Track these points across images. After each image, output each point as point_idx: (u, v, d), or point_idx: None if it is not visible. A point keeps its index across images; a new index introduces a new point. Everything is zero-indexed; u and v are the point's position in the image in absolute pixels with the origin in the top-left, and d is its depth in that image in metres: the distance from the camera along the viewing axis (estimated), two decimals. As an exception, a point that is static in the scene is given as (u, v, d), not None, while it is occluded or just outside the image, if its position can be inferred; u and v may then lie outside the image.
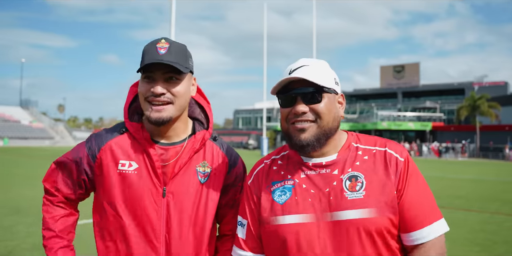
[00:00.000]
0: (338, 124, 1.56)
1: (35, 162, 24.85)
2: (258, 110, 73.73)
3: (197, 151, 1.75)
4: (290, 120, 1.53)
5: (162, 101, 1.62)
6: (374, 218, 1.42)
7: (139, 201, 1.64)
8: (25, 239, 6.43)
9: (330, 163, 1.54)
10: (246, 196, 1.66)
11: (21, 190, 12.14)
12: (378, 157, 1.54)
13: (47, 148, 52.10)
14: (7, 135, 63.08)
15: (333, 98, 1.54)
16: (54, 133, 73.17)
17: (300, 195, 1.51)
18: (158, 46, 1.61)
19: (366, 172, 1.50)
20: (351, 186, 1.48)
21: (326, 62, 1.61)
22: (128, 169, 1.66)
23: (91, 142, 1.73)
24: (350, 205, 1.44)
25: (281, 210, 1.52)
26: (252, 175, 1.69)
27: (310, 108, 1.49)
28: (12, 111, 76.36)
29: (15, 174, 16.99)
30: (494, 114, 44.63)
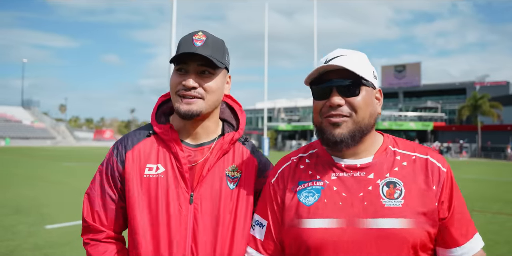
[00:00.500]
0: (375, 121, 1.45)
1: (36, 162, 24.88)
2: (259, 110, 73.69)
3: (225, 153, 1.65)
4: (324, 113, 1.41)
5: (192, 95, 1.54)
6: (412, 230, 1.31)
7: (165, 207, 1.53)
8: (27, 239, 6.43)
9: (365, 166, 1.42)
10: (268, 195, 1.54)
11: (22, 190, 12.15)
12: (418, 165, 1.42)
13: (48, 148, 52.18)
14: (8, 135, 63.19)
15: (371, 93, 1.43)
16: (55, 133, 73.27)
17: (330, 198, 1.39)
18: (194, 38, 1.55)
19: (405, 180, 1.39)
20: (389, 193, 1.36)
21: (364, 54, 1.49)
22: (155, 173, 1.57)
23: (118, 148, 1.64)
24: (388, 213, 1.33)
25: (307, 212, 1.40)
26: (277, 172, 1.56)
27: (347, 101, 1.37)
28: (13, 111, 76.49)
29: (16, 174, 17.00)
30: (495, 114, 44.57)
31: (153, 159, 1.60)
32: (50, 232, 6.96)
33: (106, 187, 1.61)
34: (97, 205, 1.60)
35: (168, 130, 1.62)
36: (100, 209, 1.60)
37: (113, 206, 1.60)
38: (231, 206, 1.58)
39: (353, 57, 1.42)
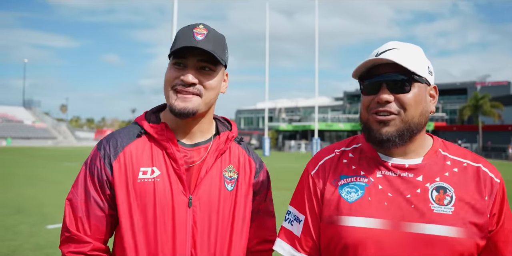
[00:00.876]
0: (426, 120, 1.35)
1: (37, 162, 24.90)
2: (260, 110, 73.66)
3: (223, 153, 1.58)
4: (371, 109, 1.32)
5: (190, 92, 1.45)
6: (462, 239, 1.24)
7: (162, 212, 1.43)
8: (28, 239, 6.43)
9: (414, 167, 1.34)
10: (307, 187, 1.45)
11: (23, 190, 12.15)
12: (470, 173, 1.34)
13: (49, 148, 52.20)
14: (10, 135, 63.23)
15: (424, 89, 1.33)
16: (56, 133, 73.31)
17: (375, 197, 1.31)
18: (195, 31, 1.45)
19: (456, 186, 1.31)
20: (439, 198, 1.29)
21: (419, 47, 1.40)
22: (150, 177, 1.45)
23: (105, 149, 1.49)
24: (437, 219, 1.26)
25: (348, 209, 1.32)
26: (318, 164, 1.47)
27: (396, 98, 1.29)
28: (15, 111, 76.53)
29: (17, 174, 17.01)
30: (496, 114, 44.52)
31: (147, 161, 1.47)
32: (52, 232, 6.97)
33: (92, 192, 1.46)
34: (80, 211, 1.45)
35: (163, 129, 1.51)
36: (83, 215, 1.44)
37: (100, 214, 1.45)
38: (229, 208, 1.53)
39: (406, 50, 1.33)
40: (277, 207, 1.84)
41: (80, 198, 1.46)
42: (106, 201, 1.46)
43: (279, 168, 22.81)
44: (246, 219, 1.57)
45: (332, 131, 62.68)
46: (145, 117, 1.57)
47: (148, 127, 1.53)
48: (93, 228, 1.45)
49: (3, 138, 61.55)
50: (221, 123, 1.67)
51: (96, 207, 1.45)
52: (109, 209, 1.46)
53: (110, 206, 1.46)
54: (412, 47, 1.37)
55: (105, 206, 1.46)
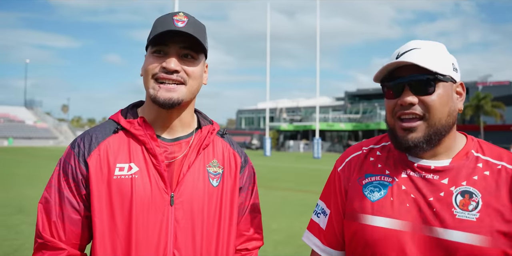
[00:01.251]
0: (454, 120, 1.29)
1: (39, 162, 24.94)
2: (261, 110, 73.67)
3: (205, 147, 1.50)
4: (396, 113, 1.29)
5: (174, 80, 1.37)
6: (485, 249, 1.16)
7: (141, 211, 1.34)
8: (30, 238, 6.44)
9: (440, 169, 1.28)
10: (333, 183, 1.46)
11: (24, 189, 12.17)
12: (503, 176, 1.24)
13: (51, 148, 52.28)
14: (11, 135, 63.32)
15: (450, 88, 1.28)
16: (58, 133, 73.40)
17: (397, 197, 1.28)
18: (175, 19, 1.38)
19: (484, 191, 1.23)
20: (463, 203, 1.22)
21: (442, 44, 1.36)
22: (128, 173, 1.36)
23: (79, 146, 1.41)
24: (459, 225, 1.19)
25: (371, 208, 1.30)
26: (345, 161, 1.46)
27: (420, 100, 1.25)
28: (16, 111, 76.61)
29: (19, 174, 17.04)
30: (498, 114, 44.48)
31: (124, 157, 1.39)
32: (53, 231, 6.97)
33: (66, 193, 1.37)
34: (54, 216, 1.36)
35: (141, 124, 1.42)
36: (57, 219, 1.35)
37: (76, 217, 1.36)
38: (215, 205, 1.45)
39: (427, 49, 1.29)
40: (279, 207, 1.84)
41: (54, 201, 1.37)
42: (82, 202, 1.37)
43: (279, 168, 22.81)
44: (234, 216, 1.50)
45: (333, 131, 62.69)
46: (121, 114, 1.49)
47: (124, 122, 1.44)
48: (69, 232, 1.36)
49: (4, 138, 61.66)
50: (202, 117, 1.59)
51: (71, 209, 1.36)
52: (85, 210, 1.37)
53: (86, 207, 1.37)
54: (434, 45, 1.33)
55: (80, 208, 1.37)
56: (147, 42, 1.42)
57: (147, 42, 1.42)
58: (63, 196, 1.37)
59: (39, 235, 1.36)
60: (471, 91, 56.45)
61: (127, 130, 1.43)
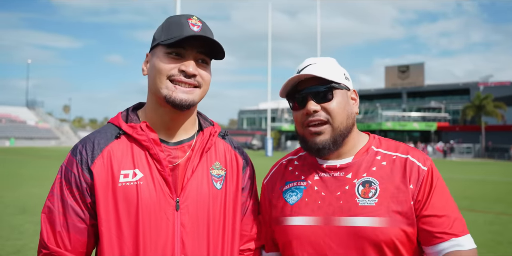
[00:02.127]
0: (353, 122, 1.49)
1: (41, 162, 24.98)
2: (263, 110, 73.62)
3: (208, 150, 1.50)
4: (304, 123, 1.46)
5: (191, 83, 1.38)
6: (385, 228, 1.33)
7: (148, 217, 1.33)
8: (33, 238, 6.46)
9: (344, 166, 1.47)
10: (261, 195, 1.64)
11: (28, 189, 12.21)
12: (397, 164, 1.43)
13: (52, 148, 52.33)
14: (13, 136, 63.40)
15: (346, 95, 1.48)
16: (59, 133, 73.48)
17: (310, 197, 1.46)
18: (190, 22, 1.38)
19: (381, 179, 1.41)
20: (364, 192, 1.40)
21: (333, 58, 1.56)
22: (132, 180, 1.35)
23: (81, 154, 1.38)
24: (360, 211, 1.37)
25: (290, 210, 1.47)
26: (269, 174, 1.66)
27: (322, 107, 1.43)
28: (18, 112, 76.69)
29: (22, 174, 17.07)
30: (499, 114, 44.42)
31: (128, 164, 1.37)
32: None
33: (70, 202, 1.35)
34: (58, 226, 1.34)
35: (144, 129, 1.40)
36: (62, 229, 1.34)
37: (81, 225, 1.35)
38: (219, 208, 1.45)
39: (321, 64, 1.48)
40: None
41: (57, 210, 1.35)
42: (87, 210, 1.35)
43: (281, 168, 22.73)
44: (237, 218, 1.51)
45: (335, 132, 62.37)
46: (121, 117, 1.47)
47: (126, 127, 1.42)
48: (74, 241, 1.34)
49: (6, 139, 61.73)
50: (203, 118, 1.59)
51: (76, 218, 1.35)
52: (90, 219, 1.35)
53: (92, 215, 1.36)
54: (326, 60, 1.52)
55: (86, 217, 1.35)
56: (159, 41, 1.39)
57: (159, 41, 1.39)
58: (67, 205, 1.35)
59: (44, 245, 1.35)
60: (472, 92, 56.39)
61: (129, 135, 1.41)
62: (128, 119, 1.46)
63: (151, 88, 1.42)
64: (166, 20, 1.44)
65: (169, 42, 1.36)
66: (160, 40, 1.40)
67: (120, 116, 1.48)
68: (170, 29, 1.39)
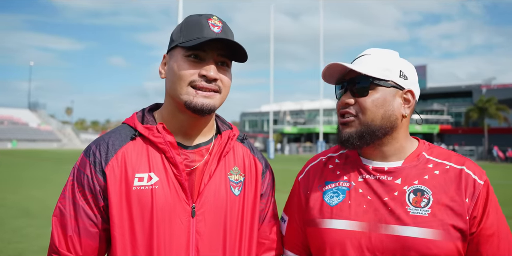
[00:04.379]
0: (392, 124, 1.36)
1: (43, 165, 25.00)
2: (265, 113, 73.61)
3: (226, 154, 1.44)
4: (338, 112, 1.42)
5: (212, 89, 1.32)
6: (439, 242, 1.25)
7: (162, 223, 1.28)
8: (34, 241, 6.43)
9: (393, 170, 1.37)
10: (294, 192, 1.54)
11: (29, 192, 12.19)
12: (451, 175, 1.34)
13: (55, 150, 52.41)
14: (15, 138, 63.57)
15: (391, 93, 1.36)
16: (61, 135, 73.65)
17: (354, 200, 1.36)
18: (210, 23, 1.33)
19: (434, 189, 1.32)
20: (415, 200, 1.31)
21: (396, 52, 1.45)
22: (147, 184, 1.30)
23: (95, 155, 1.33)
24: (412, 221, 1.28)
25: (330, 212, 1.38)
26: (304, 170, 1.56)
27: (356, 101, 1.36)
28: (20, 114, 76.99)
29: (24, 177, 17.08)
30: (502, 117, 44.38)
31: (143, 167, 1.32)
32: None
33: (82, 205, 1.30)
34: (70, 230, 1.30)
35: (161, 131, 1.35)
36: (74, 233, 1.29)
37: (94, 230, 1.31)
38: (237, 215, 1.40)
39: (376, 56, 1.40)
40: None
41: (69, 213, 1.31)
42: (100, 214, 1.31)
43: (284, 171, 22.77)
44: (255, 226, 1.45)
45: (337, 134, 62.39)
46: (137, 118, 1.42)
47: (142, 128, 1.36)
48: (85, 246, 1.30)
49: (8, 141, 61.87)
50: (221, 121, 1.53)
51: (89, 222, 1.30)
52: (103, 223, 1.31)
53: (104, 220, 1.31)
54: (384, 53, 1.42)
55: (98, 221, 1.31)
56: (178, 43, 1.34)
57: (178, 43, 1.34)
58: (79, 208, 1.30)
59: (55, 250, 1.31)
60: (475, 94, 56.35)
61: (145, 136, 1.36)
62: (144, 120, 1.41)
63: (170, 93, 1.37)
64: (185, 20, 1.39)
65: (189, 44, 1.30)
66: (179, 42, 1.34)
67: (135, 116, 1.42)
68: (189, 30, 1.33)
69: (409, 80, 1.40)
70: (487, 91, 56.42)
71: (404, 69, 1.40)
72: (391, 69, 1.37)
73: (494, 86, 58.81)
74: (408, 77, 1.40)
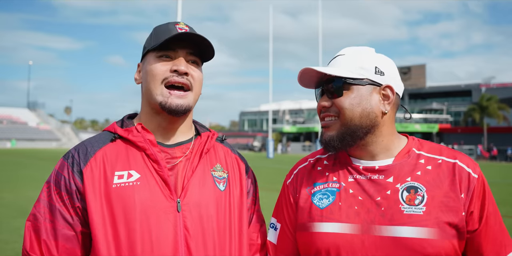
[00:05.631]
0: (372, 122, 1.33)
1: (42, 164, 24.98)
2: (264, 112, 73.72)
3: (207, 152, 1.46)
4: (320, 116, 1.41)
5: (184, 83, 1.36)
6: (434, 241, 1.20)
7: (147, 220, 1.26)
8: (32, 241, 6.43)
9: (384, 168, 1.33)
10: (283, 196, 1.49)
11: (28, 192, 12.17)
12: (444, 169, 1.30)
13: (54, 150, 52.41)
14: (14, 137, 63.55)
15: (366, 91, 1.33)
16: (60, 135, 73.63)
17: (345, 201, 1.32)
18: (178, 26, 1.39)
19: (428, 185, 1.28)
20: (409, 198, 1.26)
21: (371, 48, 1.43)
22: (128, 180, 1.29)
23: (73, 156, 1.33)
24: (407, 220, 1.23)
25: (320, 215, 1.33)
26: (293, 173, 1.51)
27: (333, 103, 1.35)
28: (19, 113, 76.96)
29: (22, 176, 17.07)
30: (501, 116, 44.46)
31: (123, 165, 1.32)
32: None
33: (58, 207, 1.28)
34: (44, 233, 1.26)
35: (140, 131, 1.36)
36: (48, 237, 1.26)
37: (70, 233, 1.28)
38: (224, 210, 1.39)
39: (348, 55, 1.39)
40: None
41: (43, 217, 1.28)
42: (76, 216, 1.28)
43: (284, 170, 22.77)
44: (243, 222, 1.44)
45: (336, 133, 62.38)
46: (117, 124, 1.45)
47: (122, 131, 1.39)
48: (62, 250, 1.27)
49: (7, 140, 61.86)
50: (199, 126, 1.56)
51: (65, 224, 1.27)
52: (80, 226, 1.29)
53: (82, 222, 1.29)
54: (358, 51, 1.40)
55: (75, 223, 1.28)
56: (149, 48, 1.40)
57: (149, 48, 1.40)
58: (55, 210, 1.28)
59: (25, 255, 1.27)
60: (474, 93, 56.42)
61: (125, 138, 1.37)
62: (124, 125, 1.44)
63: (146, 96, 1.41)
64: (154, 29, 1.45)
65: (157, 43, 1.36)
66: (150, 47, 1.41)
67: (115, 124, 1.46)
68: (158, 36, 1.39)
69: (387, 76, 1.37)
70: (486, 90, 56.50)
71: (380, 65, 1.37)
72: (365, 67, 1.35)
73: (494, 85, 58.87)
74: (385, 73, 1.36)
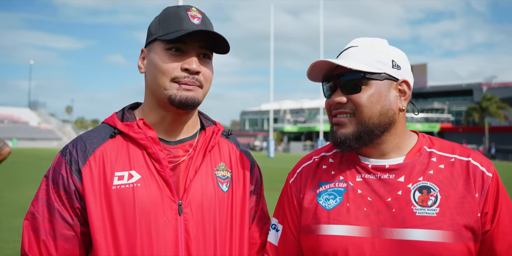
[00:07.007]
0: (391, 120, 1.25)
1: (43, 163, 24.98)
2: (265, 111, 73.69)
3: (211, 149, 1.38)
4: (332, 112, 1.30)
5: (194, 84, 1.27)
6: (449, 244, 1.13)
7: (147, 223, 1.22)
8: (33, 241, 6.43)
9: (395, 167, 1.25)
10: (286, 196, 1.40)
11: (28, 191, 12.17)
12: (458, 168, 1.23)
13: (55, 149, 52.43)
14: (15, 136, 63.58)
15: (385, 86, 1.24)
16: (61, 134, 73.67)
17: (353, 202, 1.24)
18: (190, 14, 1.28)
19: (441, 185, 1.20)
20: (422, 199, 1.19)
21: (384, 40, 1.33)
22: (128, 182, 1.23)
23: (71, 154, 1.27)
24: (420, 223, 1.16)
25: (327, 217, 1.25)
26: (296, 172, 1.42)
27: (349, 99, 1.24)
28: (20, 113, 77.02)
29: (23, 175, 17.07)
30: (502, 115, 44.40)
31: (123, 165, 1.26)
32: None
33: (57, 206, 1.23)
34: (43, 233, 1.22)
35: (141, 127, 1.29)
36: (47, 237, 1.22)
37: (69, 233, 1.24)
38: (226, 212, 1.34)
39: (363, 47, 1.28)
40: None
41: (42, 216, 1.24)
42: (76, 216, 1.24)
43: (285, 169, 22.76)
44: (246, 223, 1.39)
45: (337, 133, 62.45)
46: (117, 117, 1.36)
47: (122, 126, 1.31)
48: (61, 251, 1.23)
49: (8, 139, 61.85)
50: (204, 118, 1.48)
51: (64, 224, 1.23)
52: (79, 226, 1.25)
53: (81, 222, 1.25)
54: (373, 42, 1.30)
55: (74, 223, 1.24)
56: (157, 36, 1.29)
57: (157, 36, 1.29)
58: (54, 209, 1.24)
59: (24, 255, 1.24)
60: (475, 93, 56.33)
61: (126, 134, 1.31)
62: (124, 118, 1.35)
63: (152, 88, 1.32)
64: (163, 12, 1.34)
65: (169, 37, 1.26)
66: (158, 35, 1.30)
67: (115, 115, 1.37)
68: (168, 23, 1.28)
69: (403, 70, 1.28)
70: (487, 89, 56.41)
71: (397, 59, 1.28)
72: (382, 60, 1.25)
73: (495, 85, 58.77)
74: (401, 67, 1.28)
